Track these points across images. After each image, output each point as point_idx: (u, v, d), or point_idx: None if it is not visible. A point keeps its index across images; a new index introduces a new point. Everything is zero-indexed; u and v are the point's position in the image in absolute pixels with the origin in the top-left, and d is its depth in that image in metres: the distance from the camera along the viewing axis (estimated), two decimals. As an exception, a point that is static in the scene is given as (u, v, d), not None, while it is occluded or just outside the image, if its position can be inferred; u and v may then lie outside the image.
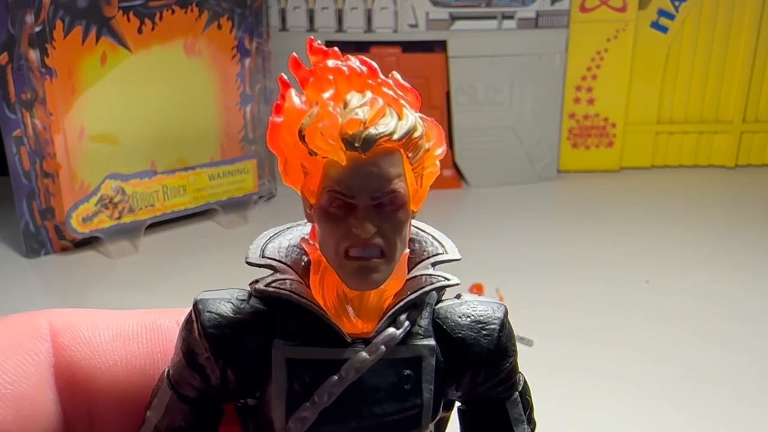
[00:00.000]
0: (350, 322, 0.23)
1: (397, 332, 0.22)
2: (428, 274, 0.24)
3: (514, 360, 0.25)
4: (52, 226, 1.05)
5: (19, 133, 0.99)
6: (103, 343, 0.25)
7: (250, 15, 1.15)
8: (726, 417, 0.71)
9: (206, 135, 1.16)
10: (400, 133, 0.21)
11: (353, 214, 0.21)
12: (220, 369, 0.23)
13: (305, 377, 0.22)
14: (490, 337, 0.24)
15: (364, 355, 0.22)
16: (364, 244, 0.21)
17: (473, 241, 1.10)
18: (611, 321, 0.87)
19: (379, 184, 0.21)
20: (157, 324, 0.26)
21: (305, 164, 0.22)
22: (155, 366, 0.26)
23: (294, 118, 0.21)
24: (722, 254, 1.05)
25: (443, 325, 0.24)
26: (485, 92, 1.28)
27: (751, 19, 1.29)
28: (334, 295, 0.23)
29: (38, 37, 0.97)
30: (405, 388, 0.22)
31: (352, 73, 0.22)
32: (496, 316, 0.24)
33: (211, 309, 0.23)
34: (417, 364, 0.23)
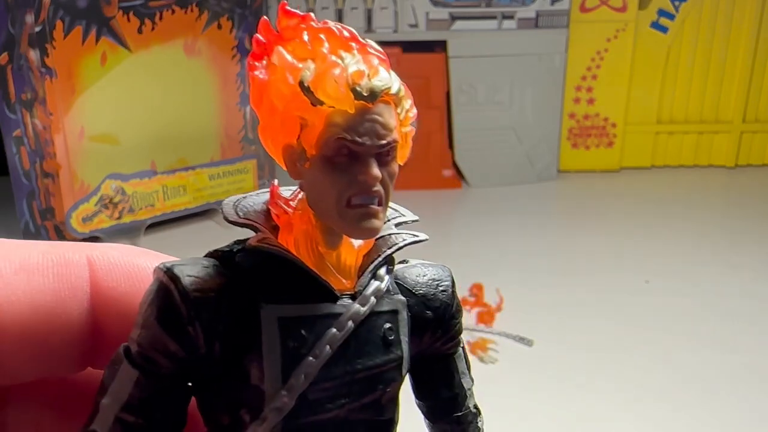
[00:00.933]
0: (335, 279, 0.23)
1: (382, 284, 0.23)
2: (394, 233, 0.24)
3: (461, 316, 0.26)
4: (52, 226, 1.05)
5: (19, 133, 0.99)
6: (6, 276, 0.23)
7: (250, 15, 1.15)
8: (725, 416, 0.71)
9: (206, 135, 1.16)
10: (395, 87, 0.22)
11: (358, 163, 0.22)
12: (203, 333, 0.22)
13: (302, 332, 0.22)
14: (446, 293, 0.25)
15: (358, 307, 0.22)
16: (369, 191, 0.22)
17: (473, 241, 1.10)
18: (611, 320, 0.87)
19: (385, 132, 0.22)
20: (65, 258, 0.24)
21: (305, 116, 0.22)
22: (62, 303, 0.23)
23: (291, 72, 0.22)
24: (722, 254, 1.05)
25: (404, 284, 0.25)
26: (485, 92, 1.28)
27: (751, 19, 1.29)
28: (313, 255, 0.23)
29: (38, 37, 0.97)
30: (389, 340, 0.23)
31: (340, 34, 0.23)
32: (446, 275, 0.26)
33: (189, 273, 0.22)
34: (395, 317, 0.23)
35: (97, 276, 0.25)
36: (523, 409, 0.72)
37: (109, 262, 0.25)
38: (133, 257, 0.25)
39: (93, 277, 0.24)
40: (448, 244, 1.10)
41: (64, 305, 0.23)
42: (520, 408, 0.72)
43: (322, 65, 0.22)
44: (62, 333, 0.23)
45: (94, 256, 0.25)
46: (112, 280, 0.25)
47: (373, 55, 0.22)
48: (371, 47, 0.23)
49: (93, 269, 0.25)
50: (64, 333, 0.24)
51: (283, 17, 0.23)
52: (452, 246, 1.09)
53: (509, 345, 0.82)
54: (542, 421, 0.70)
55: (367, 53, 0.22)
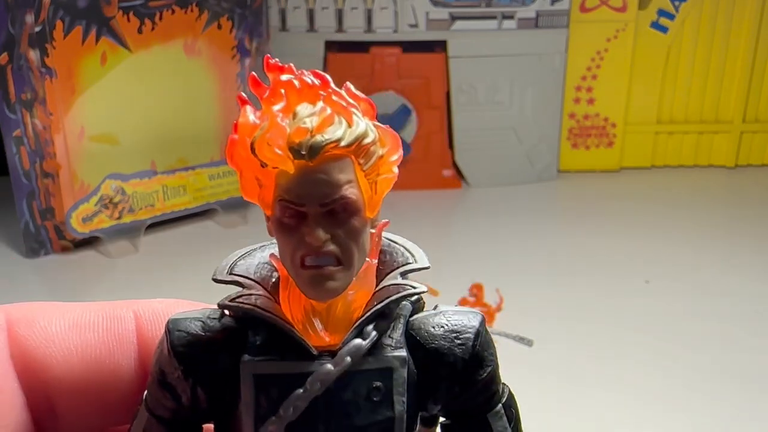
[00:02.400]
0: (317, 336, 0.23)
1: (363, 343, 0.22)
2: (396, 283, 0.23)
3: (493, 370, 0.24)
4: (52, 226, 1.05)
5: (19, 133, 0.99)
6: (59, 333, 0.25)
7: (250, 15, 1.15)
8: (726, 416, 0.71)
9: (206, 135, 1.16)
10: (348, 139, 0.21)
11: (305, 223, 0.21)
12: (190, 388, 0.23)
13: (271, 391, 0.22)
14: (464, 347, 0.23)
15: (329, 367, 0.22)
16: (317, 252, 0.21)
17: (473, 241, 1.10)
18: (611, 321, 0.87)
19: (328, 190, 0.21)
20: (113, 314, 0.26)
21: (259, 177, 0.22)
22: (111, 355, 0.25)
23: (248, 133, 0.22)
24: (722, 254, 1.05)
25: (416, 336, 0.23)
26: (485, 92, 1.28)
27: (751, 19, 1.29)
28: (302, 309, 0.23)
29: (38, 37, 0.97)
30: (374, 400, 0.22)
31: (303, 86, 0.22)
32: (470, 324, 0.24)
33: (180, 328, 0.23)
34: (387, 375, 0.22)
35: (143, 328, 0.26)
36: (522, 409, 0.72)
37: (153, 314, 0.27)
38: (175, 308, 0.27)
39: (139, 329, 0.26)
40: (448, 244, 1.10)
41: (114, 356, 0.25)
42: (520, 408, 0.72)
43: (269, 125, 0.21)
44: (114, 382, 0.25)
45: (139, 310, 0.27)
46: (156, 330, 0.26)
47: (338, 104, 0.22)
48: (344, 94, 0.22)
49: (139, 322, 0.26)
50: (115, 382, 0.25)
51: (266, 71, 0.23)
52: (452, 246, 1.09)
53: (509, 345, 0.82)
54: (542, 421, 0.70)
55: (332, 102, 0.22)
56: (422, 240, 0.26)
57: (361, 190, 0.22)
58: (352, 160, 0.22)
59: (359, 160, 0.22)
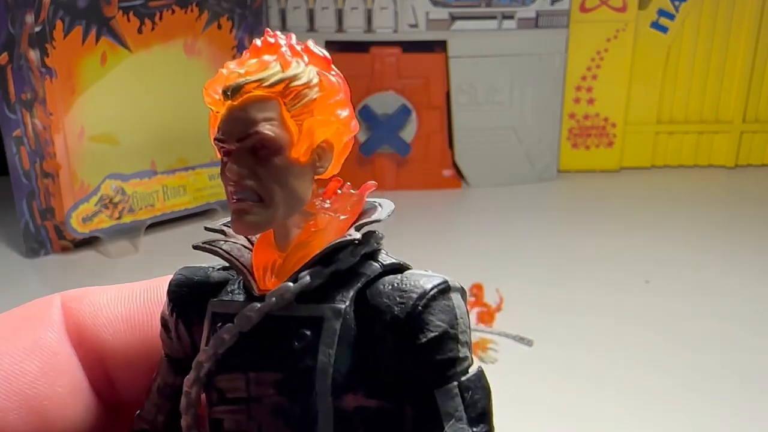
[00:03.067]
0: (270, 281, 0.24)
1: (292, 285, 0.22)
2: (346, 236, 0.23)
3: (440, 338, 0.22)
4: (52, 226, 1.05)
5: (19, 133, 0.99)
6: (105, 304, 0.28)
7: (250, 15, 1.15)
8: (726, 416, 0.71)
9: (206, 135, 1.13)
10: (271, 80, 0.22)
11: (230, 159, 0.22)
12: (175, 324, 0.25)
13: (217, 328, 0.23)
14: (403, 305, 0.22)
15: (255, 305, 0.22)
16: (236, 185, 0.22)
17: (473, 241, 1.10)
18: (611, 320, 0.87)
19: (243, 126, 0.22)
20: (154, 285, 0.29)
21: (212, 124, 0.24)
22: (154, 319, 0.28)
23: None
24: (722, 254, 1.05)
25: (367, 292, 0.23)
26: (485, 92, 1.28)
27: (751, 19, 1.29)
28: (266, 257, 0.24)
29: (38, 37, 0.97)
30: (296, 346, 0.22)
31: (264, 44, 0.23)
32: (421, 285, 0.22)
33: (181, 272, 0.26)
34: (317, 324, 0.22)
35: None
36: (523, 409, 0.72)
37: None
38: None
39: None
40: (448, 244, 1.10)
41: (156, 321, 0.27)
42: (520, 408, 0.72)
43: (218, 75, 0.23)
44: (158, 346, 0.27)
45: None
46: None
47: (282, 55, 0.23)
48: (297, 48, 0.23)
49: None
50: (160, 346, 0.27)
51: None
52: (452, 246, 1.09)
53: (509, 345, 0.82)
54: (542, 421, 0.70)
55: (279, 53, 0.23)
56: (422, 240, 0.26)
57: (287, 130, 0.22)
58: (278, 102, 0.22)
59: (285, 101, 0.22)
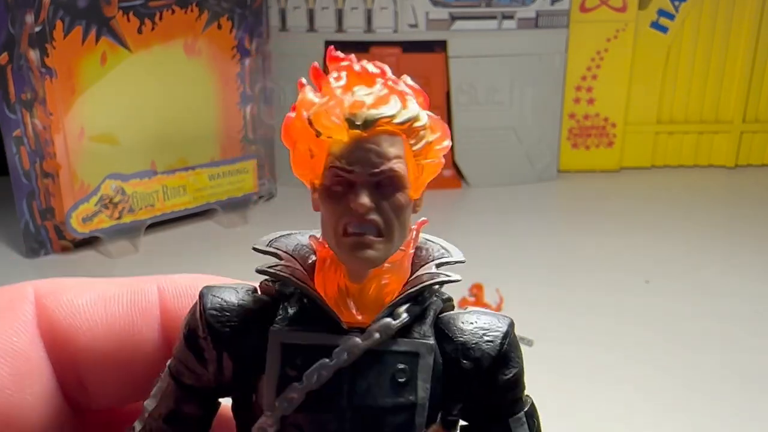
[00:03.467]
0: (349, 313, 0.23)
1: (393, 322, 0.22)
2: (431, 272, 0.24)
3: (519, 373, 0.25)
4: (52, 226, 1.05)
5: (19, 133, 0.99)
6: (85, 305, 0.26)
7: (250, 15, 1.15)
8: (726, 416, 0.71)
9: (206, 135, 1.16)
10: (401, 118, 0.22)
11: (353, 191, 0.22)
12: (216, 352, 0.23)
13: (298, 361, 0.22)
14: (492, 343, 0.24)
15: (356, 340, 0.22)
16: (361, 219, 0.22)
17: (473, 241, 1.10)
18: (611, 321, 0.87)
19: (378, 160, 0.22)
20: (137, 287, 0.27)
21: (312, 147, 0.23)
22: (135, 327, 0.26)
23: (305, 108, 0.23)
24: (722, 254, 1.05)
25: (445, 329, 0.24)
26: (485, 92, 1.28)
27: (751, 19, 1.29)
28: (336, 288, 0.23)
29: (38, 37, 0.97)
30: (399, 382, 0.22)
31: (363, 70, 0.23)
32: (500, 325, 0.24)
33: (215, 294, 0.24)
34: (414, 359, 0.23)
35: (166, 301, 0.27)
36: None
37: (177, 287, 0.28)
38: (198, 281, 0.28)
39: (162, 302, 0.27)
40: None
41: (138, 328, 0.26)
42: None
43: (329, 99, 0.22)
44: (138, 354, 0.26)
45: (163, 285, 0.27)
46: (179, 303, 0.27)
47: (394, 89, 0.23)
48: (401, 83, 0.23)
49: (162, 296, 0.27)
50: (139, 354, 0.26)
51: (328, 61, 0.24)
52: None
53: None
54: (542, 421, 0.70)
55: (388, 87, 0.23)
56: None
57: (409, 168, 0.23)
58: (403, 139, 0.22)
59: (410, 140, 0.23)
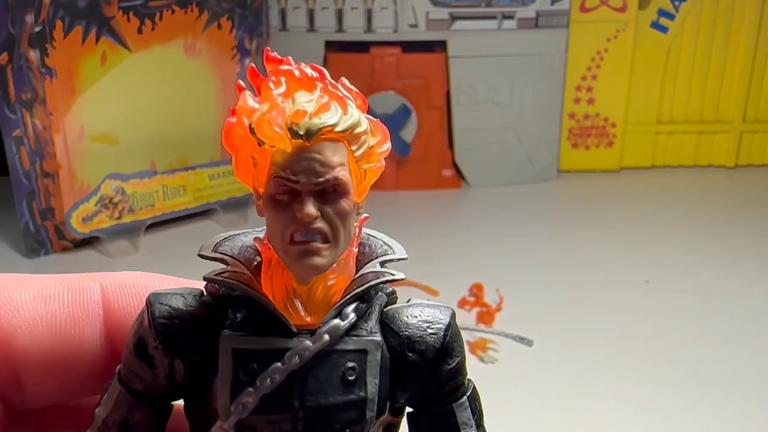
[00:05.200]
0: (298, 315, 0.24)
1: (342, 323, 0.23)
2: (375, 271, 0.24)
3: (461, 362, 0.25)
4: (52, 226, 1.05)
5: (19, 133, 0.99)
6: (23, 303, 0.25)
7: (250, 15, 1.15)
8: (726, 416, 0.71)
9: (206, 135, 1.16)
10: (343, 125, 0.22)
11: (297, 200, 0.22)
12: (168, 359, 0.24)
13: (251, 365, 0.23)
14: (435, 336, 0.24)
15: (307, 343, 0.23)
16: (307, 227, 0.22)
17: (473, 241, 1.10)
18: (611, 321, 0.87)
19: (322, 169, 0.22)
20: (80, 286, 0.27)
21: (255, 155, 0.23)
22: (76, 326, 0.26)
23: (246, 114, 0.23)
24: (722, 254, 1.05)
25: (391, 324, 0.24)
26: (485, 92, 1.28)
27: (751, 19, 1.29)
28: (283, 290, 0.24)
29: (38, 37, 0.97)
30: (349, 380, 0.23)
31: (302, 75, 0.23)
32: (442, 317, 0.25)
33: (162, 301, 0.24)
34: (362, 357, 0.23)
35: (109, 299, 0.27)
36: (523, 409, 0.72)
37: (120, 286, 0.27)
38: (142, 280, 0.28)
39: (105, 300, 0.27)
40: (448, 244, 1.10)
41: (79, 327, 0.25)
42: (520, 408, 0.72)
43: (270, 107, 0.22)
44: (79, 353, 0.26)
45: (105, 282, 0.27)
46: (122, 302, 0.27)
47: (334, 94, 0.23)
48: (339, 87, 0.23)
49: (105, 294, 0.27)
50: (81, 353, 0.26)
51: (265, 62, 0.24)
52: (452, 246, 1.09)
53: (509, 345, 0.82)
54: (542, 421, 0.70)
55: (328, 92, 0.23)
56: (422, 240, 0.27)
57: (352, 174, 0.23)
58: (345, 146, 0.23)
59: (352, 146, 0.23)
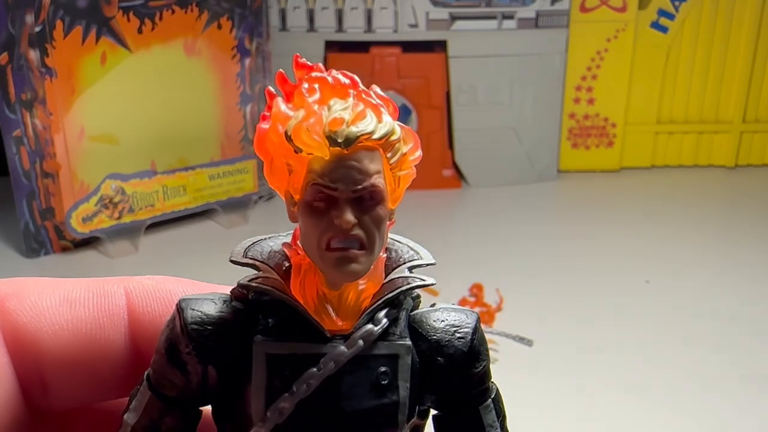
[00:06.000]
0: (330, 320, 0.24)
1: (375, 328, 0.23)
2: (404, 276, 0.25)
3: (487, 365, 0.26)
4: (52, 226, 1.05)
5: (19, 133, 0.99)
6: (50, 308, 0.26)
7: (250, 15, 1.15)
8: (726, 416, 0.71)
9: (206, 135, 1.16)
10: (379, 133, 0.23)
11: (335, 207, 0.22)
12: (201, 365, 0.24)
13: (285, 371, 0.23)
14: (463, 340, 0.25)
15: (342, 349, 0.23)
16: (345, 234, 0.22)
17: (473, 241, 1.10)
18: (611, 321, 0.87)
19: (360, 176, 0.22)
20: (104, 290, 0.27)
21: (291, 162, 0.23)
22: (101, 330, 0.26)
23: (281, 122, 0.23)
24: (722, 254, 1.05)
25: (419, 328, 0.25)
26: (485, 92, 1.28)
27: (751, 19, 1.29)
28: (314, 295, 0.24)
29: (38, 37, 0.97)
30: (382, 384, 0.23)
31: (336, 83, 0.23)
32: (469, 321, 0.25)
33: (194, 307, 0.24)
34: (394, 361, 0.24)
35: (134, 303, 0.27)
36: (523, 409, 0.72)
37: (144, 290, 0.27)
38: (166, 284, 0.28)
39: (130, 304, 0.27)
40: (448, 243, 1.10)
41: (104, 331, 0.26)
42: (520, 408, 0.72)
43: (306, 114, 0.23)
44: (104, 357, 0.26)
45: (130, 287, 0.27)
46: (147, 306, 0.27)
47: (368, 102, 0.23)
48: (372, 94, 0.24)
49: (129, 298, 0.27)
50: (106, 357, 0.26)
51: (295, 69, 0.24)
52: (452, 246, 1.09)
53: (509, 345, 0.82)
54: (542, 421, 0.70)
55: (362, 99, 0.23)
56: (422, 240, 0.27)
57: (386, 181, 0.23)
58: (381, 154, 0.23)
59: (387, 154, 0.23)
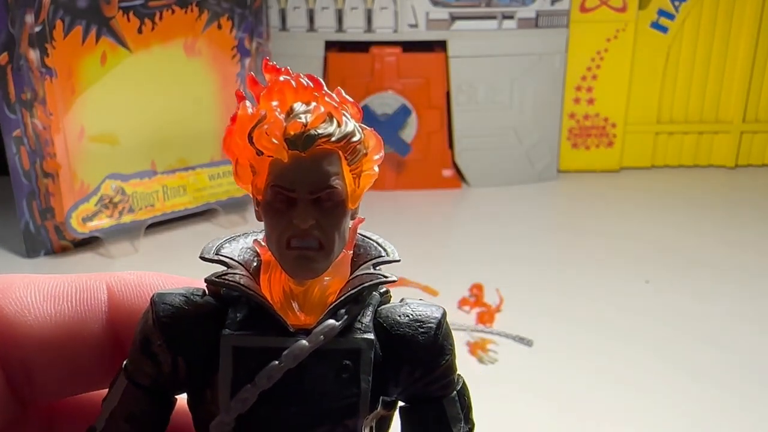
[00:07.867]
0: (294, 315, 0.25)
1: (336, 323, 0.24)
2: (369, 273, 0.25)
3: (451, 359, 0.26)
4: (52, 226, 1.05)
5: (19, 133, 0.99)
6: (35, 302, 0.27)
7: (250, 15, 1.15)
8: (725, 417, 0.71)
9: (206, 135, 1.16)
10: (338, 136, 0.23)
11: (294, 208, 0.23)
12: (171, 357, 0.25)
13: (250, 363, 0.24)
14: (426, 335, 0.25)
15: (303, 343, 0.24)
16: (303, 234, 0.23)
17: (473, 241, 1.10)
18: (611, 321, 0.87)
19: (317, 179, 0.23)
20: (87, 285, 0.28)
21: (254, 164, 0.24)
22: (84, 323, 0.27)
23: (245, 124, 0.24)
24: (722, 254, 1.05)
25: (384, 323, 0.25)
26: (485, 92, 1.28)
27: (751, 19, 1.30)
28: (281, 291, 0.25)
29: (38, 37, 0.97)
30: (343, 377, 0.24)
31: (299, 86, 0.24)
32: (433, 316, 0.26)
33: (165, 301, 0.25)
34: (355, 355, 0.24)
35: (115, 297, 0.29)
36: (522, 409, 0.72)
37: (125, 284, 0.29)
38: (146, 279, 0.29)
39: (111, 298, 0.28)
40: (448, 244, 1.10)
41: (86, 324, 0.27)
42: (520, 408, 0.72)
43: (267, 117, 0.24)
44: (87, 349, 0.27)
45: (112, 281, 0.29)
46: (127, 300, 0.29)
47: (330, 104, 0.24)
48: (335, 97, 0.24)
49: (111, 292, 0.29)
50: (88, 349, 0.27)
51: (264, 72, 0.25)
52: (452, 246, 1.09)
53: (509, 345, 0.82)
54: (542, 422, 0.70)
55: (324, 103, 0.24)
56: (422, 240, 0.27)
57: (346, 182, 0.24)
58: (339, 156, 0.24)
59: (346, 155, 0.24)
